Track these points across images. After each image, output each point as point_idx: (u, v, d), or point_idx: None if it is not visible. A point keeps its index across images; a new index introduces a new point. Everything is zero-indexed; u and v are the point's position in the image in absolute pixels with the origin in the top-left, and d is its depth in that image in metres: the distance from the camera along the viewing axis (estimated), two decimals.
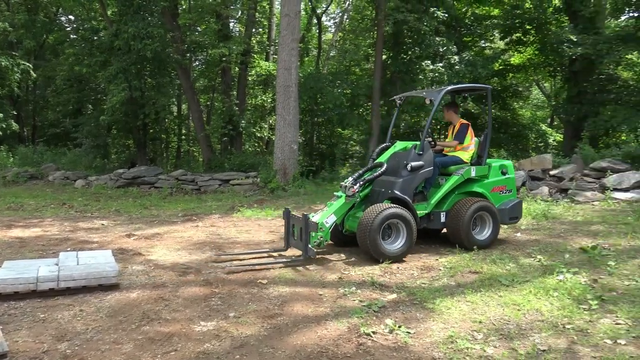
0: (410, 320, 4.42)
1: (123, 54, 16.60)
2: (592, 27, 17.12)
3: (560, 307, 4.61)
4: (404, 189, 6.53)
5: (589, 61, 16.55)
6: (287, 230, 6.66)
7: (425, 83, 16.98)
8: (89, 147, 20.35)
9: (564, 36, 16.67)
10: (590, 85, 17.56)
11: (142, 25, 15.74)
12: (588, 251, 6.39)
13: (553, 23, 19.50)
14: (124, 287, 5.32)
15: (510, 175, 7.44)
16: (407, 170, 6.56)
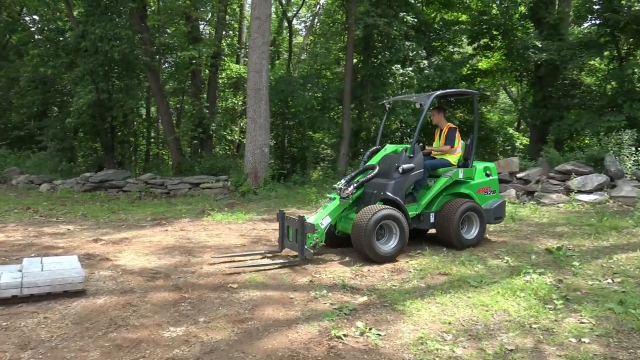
0: (381, 322, 4.45)
1: (90, 56, 16.28)
2: (556, 34, 17.60)
3: (527, 307, 4.70)
4: (396, 191, 6.71)
5: (554, 66, 16.98)
6: (282, 232, 6.77)
7: (395, 87, 17.16)
8: (55, 150, 19.88)
9: (530, 42, 17.08)
10: (555, 90, 18.02)
11: (110, 26, 15.48)
12: (553, 252, 6.55)
13: (519, 29, 19.94)
14: (90, 293, 5.21)
15: (493, 176, 7.77)
16: (398, 173, 6.75)
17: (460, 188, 7.32)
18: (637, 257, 6.35)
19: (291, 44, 25.11)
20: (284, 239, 6.74)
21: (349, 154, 17.93)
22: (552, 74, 17.68)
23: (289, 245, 6.71)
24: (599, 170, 12.18)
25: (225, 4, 19.23)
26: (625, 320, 4.36)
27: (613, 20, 15.52)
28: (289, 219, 6.68)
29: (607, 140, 13.04)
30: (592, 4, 17.20)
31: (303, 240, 6.27)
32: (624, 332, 4.13)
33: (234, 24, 23.32)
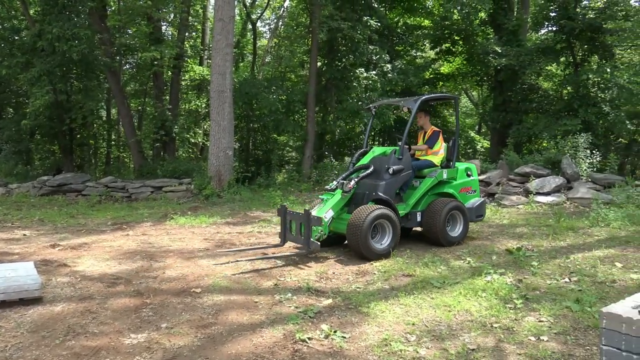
0: (346, 324, 4.45)
1: (47, 56, 15.80)
2: (515, 40, 18.08)
3: (488, 307, 4.79)
4: (387, 191, 7.00)
5: (513, 71, 17.43)
6: (284, 226, 7.00)
7: (359, 90, 17.28)
8: (10, 153, 19.21)
9: (489, 47, 17.49)
10: (514, 95, 18.49)
11: (68, 25, 15.06)
12: (513, 253, 6.70)
13: (479, 35, 20.41)
14: (47, 301, 5.05)
15: (474, 177, 8.18)
16: (389, 174, 7.04)
17: (444, 188, 7.65)
18: (592, 256, 6.57)
19: (255, 47, 25.00)
20: (287, 233, 6.97)
21: (313, 157, 17.96)
22: (512, 79, 18.15)
23: (291, 238, 6.94)
24: (556, 172, 12.55)
25: (188, 5, 18.99)
26: (581, 318, 4.49)
27: (569, 28, 16.05)
28: (292, 213, 6.91)
29: (564, 144, 13.47)
30: (548, 11, 17.73)
31: (309, 233, 6.46)
32: (581, 330, 4.26)
33: (197, 25, 23.05)
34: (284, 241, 7.11)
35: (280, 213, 7.08)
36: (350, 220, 6.54)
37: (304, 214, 6.54)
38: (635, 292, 3.53)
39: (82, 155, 21.32)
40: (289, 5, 25.15)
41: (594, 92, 16.20)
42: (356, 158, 7.69)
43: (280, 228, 7.13)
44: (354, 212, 6.59)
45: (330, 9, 16.28)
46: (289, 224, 6.93)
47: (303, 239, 6.58)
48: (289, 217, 6.94)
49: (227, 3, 13.96)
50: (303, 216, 6.57)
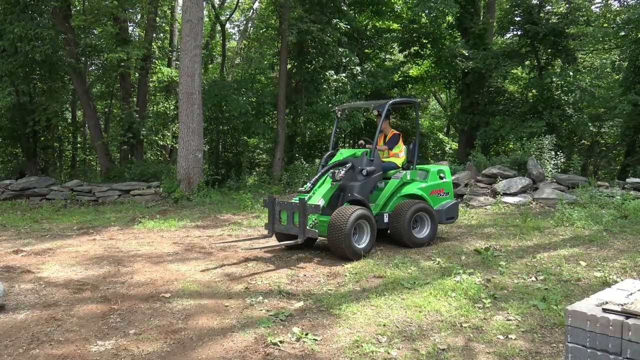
0: (317, 327, 4.45)
1: (8, 56, 15.35)
2: (481, 43, 18.41)
3: (458, 307, 4.85)
4: (362, 192, 7.14)
5: (480, 74, 17.72)
6: (272, 216, 7.09)
7: (329, 92, 17.32)
8: None
9: (457, 51, 17.76)
10: (481, 97, 18.81)
11: (30, 25, 14.66)
12: (482, 253, 6.81)
13: (447, 38, 20.70)
14: (10, 309, 4.90)
15: (447, 179, 8.27)
16: (362, 175, 7.14)
17: (412, 189, 7.69)
18: (558, 255, 6.72)
19: (224, 48, 24.81)
20: (275, 223, 7.06)
21: (284, 159, 17.90)
22: (479, 82, 18.45)
23: (281, 229, 7.06)
24: (522, 173, 12.81)
25: (156, 5, 18.71)
26: (548, 316, 4.59)
27: (533, 32, 16.41)
28: (282, 203, 7.12)
29: (530, 145, 13.75)
30: (513, 15, 18.10)
31: (304, 221, 6.59)
32: (547, 327, 4.35)
33: (165, 26, 22.74)
34: (272, 232, 7.21)
35: (268, 204, 7.13)
36: (331, 221, 6.58)
37: (299, 203, 6.64)
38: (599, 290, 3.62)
39: (47, 159, 20.77)
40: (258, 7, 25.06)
41: (558, 95, 16.61)
42: (325, 160, 7.73)
43: (268, 219, 7.20)
44: (335, 213, 6.65)
45: (300, 12, 16.29)
46: (278, 214, 7.04)
47: (297, 228, 6.68)
48: (278, 207, 7.05)
49: (195, 4, 13.82)
50: (297, 205, 6.67)
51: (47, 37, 14.91)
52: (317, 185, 7.15)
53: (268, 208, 7.19)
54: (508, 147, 17.68)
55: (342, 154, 7.64)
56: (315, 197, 6.88)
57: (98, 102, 22.47)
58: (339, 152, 7.75)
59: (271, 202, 7.10)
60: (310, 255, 7.06)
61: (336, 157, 7.63)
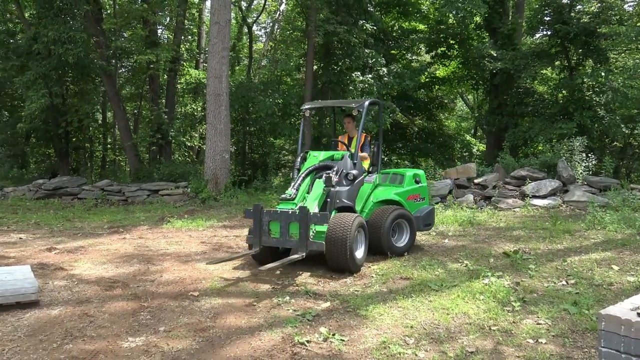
0: (344, 327, 4.45)
1: (42, 59, 15.77)
2: (510, 44, 18.15)
3: (486, 310, 4.80)
4: (350, 198, 6.65)
5: (508, 75, 17.49)
6: (259, 228, 6.13)
7: (355, 94, 17.29)
8: (5, 157, 19.16)
9: (485, 51, 17.57)
10: (510, 98, 18.55)
11: (64, 29, 15.03)
12: (510, 255, 6.72)
13: (475, 39, 20.50)
14: (44, 304, 5.02)
15: (423, 183, 7.79)
16: (348, 180, 6.67)
17: (389, 195, 7.19)
18: (589, 259, 6.59)
19: (251, 50, 25.02)
20: (263, 236, 6.12)
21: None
22: (507, 83, 18.22)
23: (272, 242, 6.14)
24: (552, 175, 12.59)
25: (184, 8, 19.00)
26: (579, 320, 4.51)
27: (563, 32, 16.12)
28: (274, 212, 6.12)
29: (560, 147, 13.51)
30: (543, 15, 17.81)
31: (307, 233, 5.83)
32: (579, 332, 4.27)
33: (193, 29, 23.06)
34: (259, 245, 6.19)
35: (253, 214, 6.19)
36: (330, 234, 5.91)
37: (300, 212, 5.82)
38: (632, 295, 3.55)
39: (78, 159, 21.28)
40: (284, 9, 25.20)
41: (589, 95, 16.27)
42: (299, 163, 7.03)
43: (253, 231, 6.25)
44: (334, 222, 5.99)
45: (326, 13, 16.32)
46: (267, 225, 6.11)
47: (295, 241, 5.91)
48: (267, 218, 6.10)
49: (223, 6, 13.98)
50: (296, 214, 5.87)
51: (79, 40, 15.27)
52: (301, 191, 6.41)
53: (253, 219, 6.20)
54: (537, 148, 17.40)
55: (316, 157, 6.89)
56: (309, 204, 6.15)
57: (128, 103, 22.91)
58: (310, 155, 7.00)
59: (257, 212, 6.15)
60: None
61: (309, 160, 6.89)
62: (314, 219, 5.86)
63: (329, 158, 6.89)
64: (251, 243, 6.29)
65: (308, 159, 6.94)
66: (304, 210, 5.83)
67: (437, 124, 24.10)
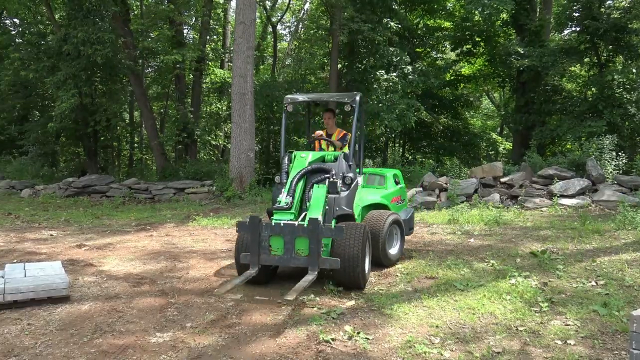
0: (369, 326, 4.45)
1: (72, 59, 16.11)
2: (537, 40, 17.86)
3: (513, 310, 4.74)
4: (349, 205, 5.91)
5: (536, 73, 17.22)
6: (257, 244, 5.16)
7: (380, 92, 17.23)
8: (36, 155, 19.63)
9: (512, 48, 17.31)
10: (537, 96, 18.26)
11: (92, 30, 15.34)
12: (538, 255, 6.62)
13: (501, 36, 20.24)
14: (74, 299, 5.14)
15: (402, 184, 7.42)
16: (346, 184, 5.91)
17: (377, 198, 6.59)
18: (619, 260, 6.45)
19: (276, 49, 25.13)
20: (262, 254, 5.17)
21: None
22: (534, 80, 17.94)
23: (274, 261, 5.26)
24: (580, 174, 12.35)
25: (210, 8, 19.18)
26: (609, 322, 4.42)
27: (593, 28, 15.80)
28: (274, 226, 5.15)
29: (589, 145, 13.24)
30: (572, 11, 17.49)
31: (319, 249, 5.02)
32: (609, 334, 4.19)
33: (218, 28, 23.28)
34: (258, 265, 5.19)
35: (249, 227, 5.16)
36: (343, 245, 5.22)
37: (310, 224, 5.01)
38: None
39: (106, 157, 21.71)
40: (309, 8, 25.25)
41: (619, 93, 15.91)
42: (287, 165, 6.15)
43: (250, 248, 5.21)
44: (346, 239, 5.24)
45: (351, 11, 16.30)
46: (267, 241, 5.17)
47: (304, 259, 5.08)
48: (267, 232, 5.14)
49: (248, 6, 14.07)
50: (304, 228, 5.06)
51: (107, 41, 15.55)
52: (297, 199, 5.59)
53: (250, 234, 5.17)
54: (565, 147, 17.10)
55: (304, 159, 5.99)
56: (315, 214, 5.31)
57: (154, 103, 23.25)
58: (296, 156, 6.08)
59: (254, 225, 5.13)
60: None
61: (297, 162, 5.97)
62: (327, 233, 5.04)
63: (319, 159, 6.07)
64: (248, 262, 5.22)
65: (295, 160, 6.05)
66: (315, 223, 4.98)
67: (462, 122, 23.88)
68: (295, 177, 5.70)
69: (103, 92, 18.41)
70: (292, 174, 5.77)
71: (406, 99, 17.05)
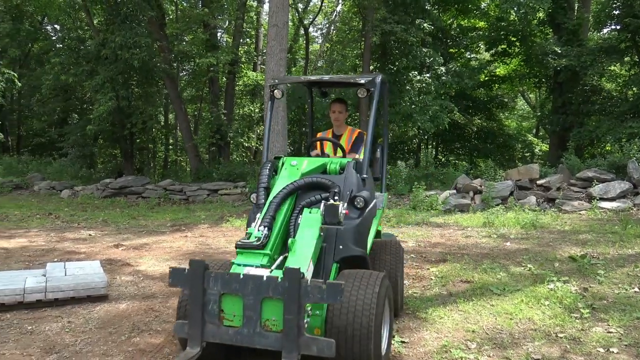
0: (404, 330, 4.40)
1: (110, 63, 16.52)
2: (575, 39, 17.43)
3: (552, 316, 4.62)
4: (361, 240, 3.85)
5: (574, 72, 16.81)
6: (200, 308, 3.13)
7: (412, 94, 17.10)
8: (75, 157, 20.18)
9: (549, 48, 16.93)
10: (575, 96, 17.82)
11: (130, 34, 15.69)
12: (577, 260, 6.45)
13: (537, 35, 19.81)
14: (112, 298, 5.25)
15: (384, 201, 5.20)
16: (357, 208, 3.85)
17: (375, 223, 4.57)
18: None
19: (308, 51, 25.21)
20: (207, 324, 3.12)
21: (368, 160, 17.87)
22: (572, 80, 17.51)
23: (225, 337, 3.09)
24: (621, 177, 11.98)
25: (243, 11, 19.39)
26: None
27: (634, 26, 15.32)
28: (226, 277, 3.12)
29: (629, 147, 12.83)
30: (612, 9, 17.01)
31: (299, 322, 2.95)
32: None
33: (251, 31, 23.51)
34: (200, 343, 3.10)
35: (190, 280, 3.20)
36: (342, 321, 3.14)
37: (285, 277, 2.98)
38: None
39: (142, 159, 22.16)
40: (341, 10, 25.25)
41: None
42: (267, 176, 4.09)
43: (189, 313, 3.20)
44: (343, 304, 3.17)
45: (383, 12, 16.23)
46: (217, 304, 3.12)
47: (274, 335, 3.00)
48: (216, 288, 3.12)
49: (281, 9, 14.13)
50: (278, 283, 3.00)
51: (144, 45, 15.90)
52: (276, 231, 3.55)
53: (190, 290, 3.20)
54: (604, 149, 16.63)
55: (295, 168, 4.08)
56: (298, 259, 3.31)
57: (188, 105, 23.63)
58: (285, 163, 4.20)
59: (196, 276, 3.19)
60: None
61: (287, 172, 4.06)
62: (314, 294, 2.94)
63: (317, 169, 4.11)
64: (184, 337, 3.19)
65: (282, 170, 4.15)
66: (294, 276, 2.95)
67: (496, 123, 23.50)
68: (277, 196, 3.70)
69: (139, 95, 18.82)
70: (274, 190, 3.82)
71: (439, 100, 16.87)
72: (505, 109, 24.89)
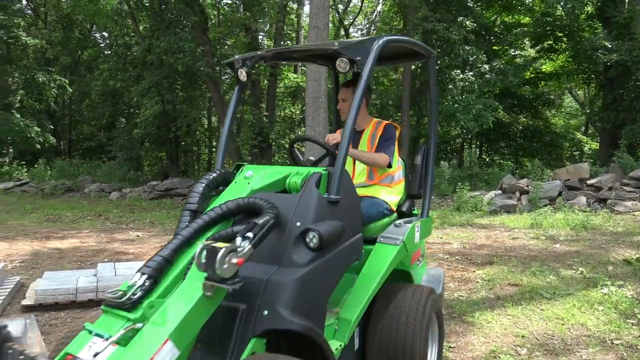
0: (450, 334, 4.33)
1: (155, 68, 16.92)
2: (627, 34, 16.76)
3: (607, 322, 4.45)
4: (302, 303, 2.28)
5: (625, 68, 16.17)
6: None
7: (455, 92, 16.82)
8: (123, 160, 20.77)
9: (598, 43, 16.34)
10: (627, 92, 17.13)
11: (174, 39, 16.03)
12: (632, 263, 6.19)
13: (586, 30, 19.16)
14: None
15: None
16: (307, 248, 2.41)
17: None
18: None
19: None
20: None
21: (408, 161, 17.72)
22: (623, 76, 16.84)
23: None
24: None
25: (284, 14, 19.53)
26: None
27: None
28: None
29: None
30: None
31: None
32: None
33: (291, 34, 23.65)
34: None
35: None
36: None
37: None
38: None
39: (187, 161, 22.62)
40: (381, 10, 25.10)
41: None
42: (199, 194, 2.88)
43: None
44: None
45: (425, 11, 16.04)
46: None
47: None
48: None
49: (322, 10, 14.14)
50: None
51: (188, 50, 16.20)
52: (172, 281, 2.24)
53: None
54: None
55: (247, 180, 2.87)
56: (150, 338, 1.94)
57: None
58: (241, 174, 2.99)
59: None
60: (440, 261, 6.91)
61: (237, 186, 2.89)
62: None
63: (275, 184, 2.80)
64: None
65: (234, 183, 2.97)
66: None
67: (543, 121, 22.87)
68: (203, 219, 2.55)
69: (183, 98, 19.20)
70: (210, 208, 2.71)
71: (483, 99, 16.53)
72: (551, 107, 24.18)
